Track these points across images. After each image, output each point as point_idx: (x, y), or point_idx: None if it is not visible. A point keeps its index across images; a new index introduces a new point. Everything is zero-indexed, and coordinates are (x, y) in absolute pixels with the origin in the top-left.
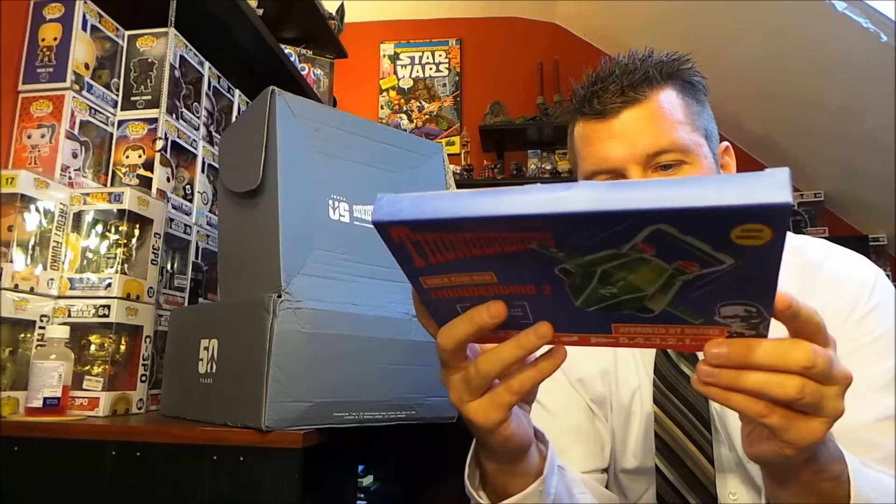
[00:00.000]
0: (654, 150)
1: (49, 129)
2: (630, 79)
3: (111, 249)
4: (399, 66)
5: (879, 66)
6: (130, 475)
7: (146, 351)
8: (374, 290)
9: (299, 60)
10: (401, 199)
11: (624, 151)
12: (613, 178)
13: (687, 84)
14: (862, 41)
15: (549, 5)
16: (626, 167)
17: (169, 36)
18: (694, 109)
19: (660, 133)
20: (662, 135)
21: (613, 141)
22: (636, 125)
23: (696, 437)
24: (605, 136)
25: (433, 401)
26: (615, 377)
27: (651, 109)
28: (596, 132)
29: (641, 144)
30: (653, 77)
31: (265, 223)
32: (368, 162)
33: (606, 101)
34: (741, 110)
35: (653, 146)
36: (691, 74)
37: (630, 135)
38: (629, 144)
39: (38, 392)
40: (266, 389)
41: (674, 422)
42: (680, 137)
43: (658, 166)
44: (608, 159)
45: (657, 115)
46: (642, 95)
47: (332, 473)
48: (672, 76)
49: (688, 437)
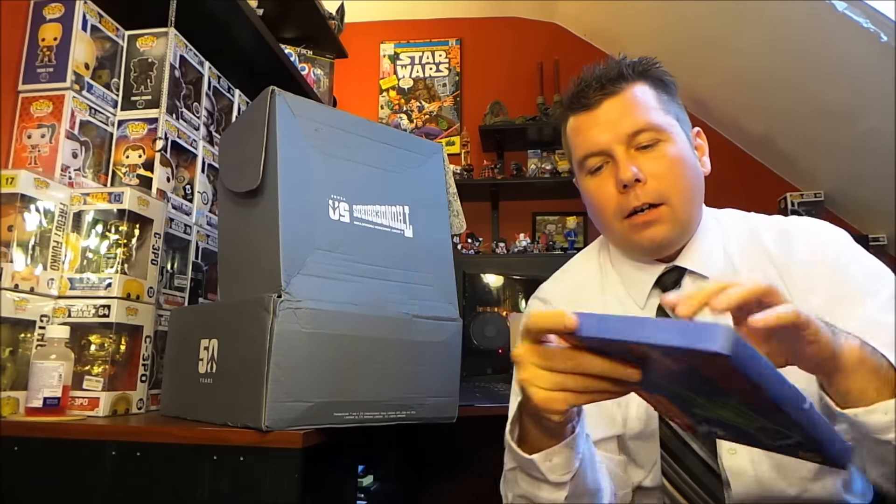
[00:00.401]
0: (633, 130)
1: (49, 129)
2: (608, 76)
3: (111, 249)
4: (399, 66)
5: (879, 66)
6: (130, 475)
7: (146, 351)
8: (374, 290)
9: (299, 60)
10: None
11: (608, 135)
12: (603, 158)
13: (657, 80)
14: (862, 41)
15: (549, 5)
16: (612, 147)
17: (169, 36)
18: (664, 98)
19: (636, 116)
20: (639, 118)
21: (599, 127)
22: (616, 112)
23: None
24: (591, 125)
25: (433, 401)
26: None
27: (627, 98)
28: (584, 122)
29: (622, 127)
30: (627, 74)
31: (265, 223)
32: (368, 162)
33: (590, 96)
34: (741, 110)
35: (632, 127)
36: (661, 73)
37: (611, 120)
38: (612, 128)
39: (38, 392)
40: (266, 389)
41: None
42: (654, 119)
43: (639, 146)
44: (596, 143)
45: (632, 103)
46: (619, 88)
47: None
48: (643, 74)
49: None
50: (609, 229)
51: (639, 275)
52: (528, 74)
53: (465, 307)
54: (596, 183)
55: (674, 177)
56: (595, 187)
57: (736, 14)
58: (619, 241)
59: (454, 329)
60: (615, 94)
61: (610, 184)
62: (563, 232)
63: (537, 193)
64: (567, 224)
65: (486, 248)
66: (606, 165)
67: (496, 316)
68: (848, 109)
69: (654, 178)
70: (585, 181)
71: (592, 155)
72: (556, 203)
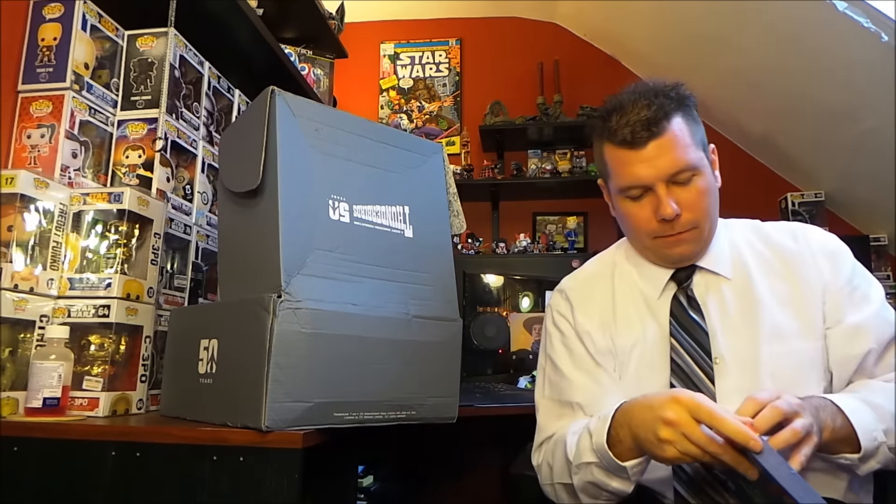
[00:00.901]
0: (674, 171)
1: (49, 129)
2: (652, 112)
3: (111, 249)
4: (399, 65)
5: (880, 66)
6: (130, 475)
7: (146, 351)
8: (374, 290)
9: (299, 60)
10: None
11: (651, 173)
12: (643, 191)
13: (687, 108)
14: (862, 41)
15: (549, 5)
16: (654, 184)
17: (169, 36)
18: (694, 129)
19: (677, 157)
20: (679, 158)
21: (643, 165)
22: (659, 152)
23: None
24: (636, 161)
25: (433, 401)
26: (615, 327)
27: (669, 138)
28: (628, 157)
29: (664, 167)
30: (669, 109)
31: (265, 223)
32: (368, 162)
33: (635, 134)
34: (741, 110)
35: (674, 168)
36: (691, 101)
37: (655, 160)
38: (655, 168)
39: (38, 392)
40: (266, 389)
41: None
42: (690, 158)
43: (677, 182)
44: (640, 178)
45: (673, 143)
46: (661, 129)
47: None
48: (680, 105)
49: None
50: (640, 241)
51: (656, 270)
52: (528, 74)
53: (465, 307)
54: (635, 207)
55: (704, 206)
56: (634, 212)
57: (736, 14)
58: (647, 251)
59: (454, 329)
60: (659, 135)
61: (647, 210)
62: (564, 232)
63: (537, 193)
64: (567, 224)
65: (486, 248)
66: (645, 195)
67: (496, 316)
68: (848, 109)
69: (689, 209)
70: (624, 203)
71: (635, 187)
72: (557, 203)
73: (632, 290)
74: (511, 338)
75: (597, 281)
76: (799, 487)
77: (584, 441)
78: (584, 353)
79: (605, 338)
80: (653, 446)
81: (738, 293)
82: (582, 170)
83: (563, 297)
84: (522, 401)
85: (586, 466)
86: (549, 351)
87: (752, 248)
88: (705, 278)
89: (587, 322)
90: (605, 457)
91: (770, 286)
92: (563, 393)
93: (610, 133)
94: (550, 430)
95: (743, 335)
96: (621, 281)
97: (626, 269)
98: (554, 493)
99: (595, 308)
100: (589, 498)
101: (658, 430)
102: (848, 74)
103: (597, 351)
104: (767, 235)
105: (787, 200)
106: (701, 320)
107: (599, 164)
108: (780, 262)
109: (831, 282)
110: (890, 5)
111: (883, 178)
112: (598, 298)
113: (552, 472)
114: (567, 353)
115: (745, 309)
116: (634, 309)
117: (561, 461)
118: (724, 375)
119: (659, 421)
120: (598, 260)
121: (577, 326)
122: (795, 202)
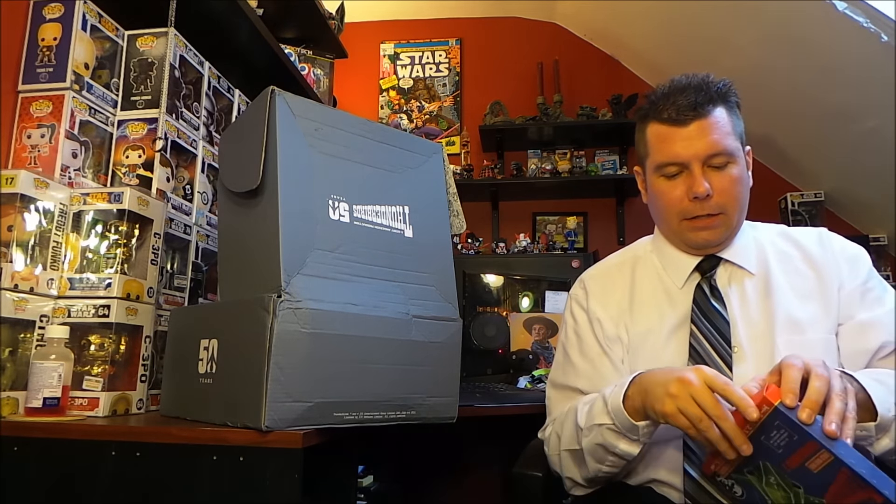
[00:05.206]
0: (711, 153)
1: (49, 129)
2: (700, 100)
3: (111, 249)
4: (399, 65)
5: (880, 66)
6: (130, 475)
7: (146, 351)
8: (374, 290)
9: (299, 60)
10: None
11: (690, 151)
12: (679, 168)
13: (732, 104)
14: (862, 41)
15: (549, 5)
16: (691, 163)
17: (169, 36)
18: (735, 123)
19: (716, 140)
20: (718, 142)
21: (684, 142)
22: (700, 133)
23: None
24: (677, 139)
25: (433, 401)
26: (630, 316)
27: (711, 121)
28: (671, 134)
29: (703, 148)
30: (715, 98)
31: (265, 223)
32: (368, 162)
33: (681, 112)
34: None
35: (711, 150)
36: (735, 97)
37: (695, 140)
38: (694, 147)
39: (38, 392)
40: (266, 389)
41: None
42: (728, 145)
43: (712, 165)
44: (679, 155)
45: (715, 126)
46: (706, 111)
47: (332, 474)
48: (725, 98)
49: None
50: (668, 224)
51: (681, 259)
52: (528, 74)
53: (465, 307)
54: (669, 186)
55: (734, 194)
56: (667, 189)
57: (736, 14)
58: (674, 234)
59: (454, 329)
60: (703, 116)
61: (680, 189)
62: (564, 232)
63: (537, 193)
64: (567, 224)
65: (486, 248)
66: (681, 174)
67: (496, 316)
68: (848, 109)
69: (720, 193)
70: (658, 181)
71: (672, 164)
72: (557, 203)
73: (653, 281)
74: (511, 338)
75: (617, 271)
76: (852, 455)
77: (598, 405)
78: (593, 341)
79: (616, 326)
80: (655, 399)
81: (759, 287)
82: (582, 170)
83: (581, 286)
84: (522, 401)
85: (598, 428)
86: (563, 338)
87: (775, 247)
88: (728, 270)
89: (600, 309)
90: (619, 415)
91: (790, 281)
92: (568, 378)
93: (656, 112)
94: (557, 413)
95: (761, 325)
96: (643, 272)
97: (650, 261)
98: (559, 462)
99: (611, 297)
100: (595, 462)
101: (669, 386)
102: (848, 74)
103: (605, 336)
104: (792, 237)
105: (787, 200)
106: (723, 309)
107: (640, 145)
108: (802, 259)
109: (848, 281)
110: (890, 5)
111: (883, 178)
112: (616, 288)
113: (560, 441)
114: (577, 341)
115: (764, 300)
116: (653, 299)
117: (570, 428)
118: (742, 363)
119: (674, 379)
120: (620, 252)
121: (590, 313)
122: (795, 202)
